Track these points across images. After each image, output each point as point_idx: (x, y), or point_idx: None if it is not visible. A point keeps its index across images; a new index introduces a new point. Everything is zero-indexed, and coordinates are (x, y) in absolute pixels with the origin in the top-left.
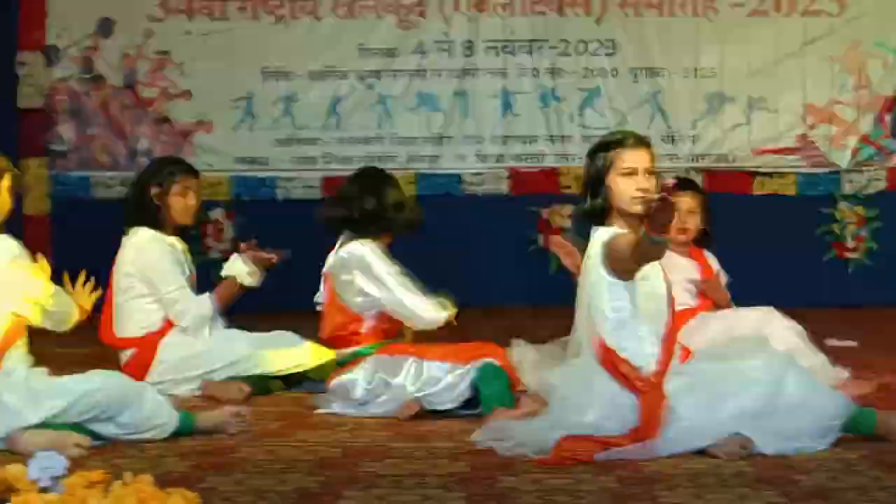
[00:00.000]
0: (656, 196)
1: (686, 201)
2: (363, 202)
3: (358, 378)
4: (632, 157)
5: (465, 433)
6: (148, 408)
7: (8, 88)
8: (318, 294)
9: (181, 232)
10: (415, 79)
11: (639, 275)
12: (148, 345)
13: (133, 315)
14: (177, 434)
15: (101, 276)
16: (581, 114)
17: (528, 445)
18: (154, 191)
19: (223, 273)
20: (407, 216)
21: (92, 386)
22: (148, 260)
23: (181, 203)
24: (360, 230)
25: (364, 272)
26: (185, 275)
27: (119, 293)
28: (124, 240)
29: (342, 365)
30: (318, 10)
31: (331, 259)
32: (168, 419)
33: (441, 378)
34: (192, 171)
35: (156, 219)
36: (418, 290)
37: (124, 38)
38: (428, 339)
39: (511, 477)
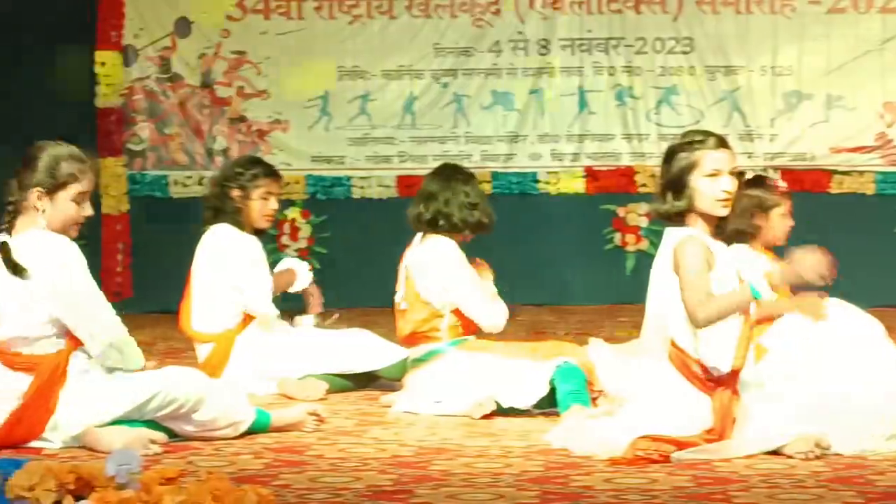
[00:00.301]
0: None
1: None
2: (437, 200)
3: (434, 377)
4: (717, 159)
5: (539, 432)
6: (224, 405)
7: (86, 88)
8: (398, 293)
9: (257, 234)
10: (490, 77)
11: (713, 275)
12: (225, 340)
13: (211, 311)
14: (252, 432)
15: (177, 273)
16: (657, 112)
17: (602, 445)
18: (236, 193)
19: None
20: (478, 216)
21: (168, 383)
22: (229, 256)
23: (262, 207)
24: (436, 228)
25: (441, 269)
26: (267, 271)
27: (198, 288)
28: (204, 236)
29: (419, 362)
30: (393, 9)
31: (409, 256)
32: (244, 416)
33: (517, 376)
34: (275, 175)
35: (236, 220)
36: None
37: (201, 37)
38: (504, 337)
39: (585, 476)
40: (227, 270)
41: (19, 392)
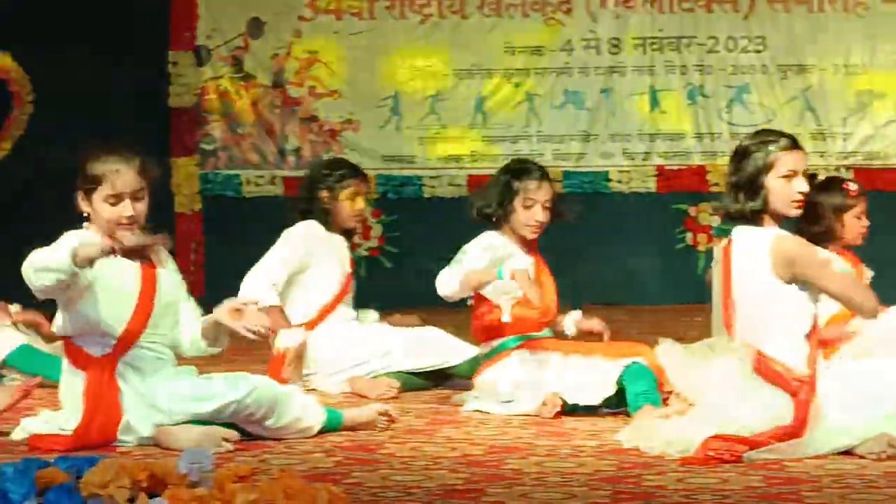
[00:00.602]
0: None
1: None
2: (493, 195)
3: (503, 375)
4: (792, 160)
5: (611, 432)
6: (296, 411)
7: (159, 88)
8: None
9: (346, 234)
10: (561, 76)
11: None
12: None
13: (287, 305)
14: (325, 431)
15: (249, 272)
16: (729, 111)
17: (674, 445)
18: (324, 194)
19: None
20: (484, 209)
21: (241, 393)
22: (306, 251)
23: (350, 208)
24: (493, 223)
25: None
26: (342, 270)
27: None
28: (285, 232)
29: (488, 358)
30: (464, 8)
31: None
32: (315, 421)
33: (586, 375)
34: (362, 175)
35: (325, 221)
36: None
37: (273, 37)
38: (574, 336)
39: (657, 476)
40: (301, 266)
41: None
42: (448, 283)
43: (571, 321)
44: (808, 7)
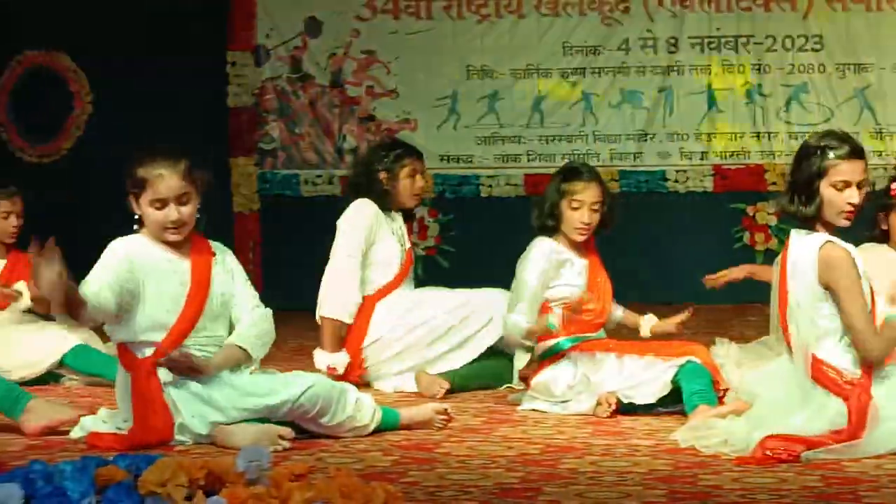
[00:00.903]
0: None
1: None
2: (545, 199)
3: (559, 376)
4: (848, 170)
5: (666, 431)
6: (350, 410)
7: (218, 88)
8: None
9: (405, 213)
10: (618, 75)
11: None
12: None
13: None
14: (381, 430)
15: (307, 270)
16: (787, 110)
17: (730, 444)
18: (382, 175)
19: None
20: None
21: (297, 390)
22: (368, 230)
23: (411, 186)
24: (550, 229)
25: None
26: (402, 248)
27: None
28: (344, 219)
29: (544, 359)
30: (521, 8)
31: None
32: (369, 420)
33: (641, 375)
34: (418, 153)
35: (384, 202)
36: None
37: (331, 37)
38: (634, 336)
39: (713, 476)
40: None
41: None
42: (511, 335)
43: (647, 326)
44: (865, 5)
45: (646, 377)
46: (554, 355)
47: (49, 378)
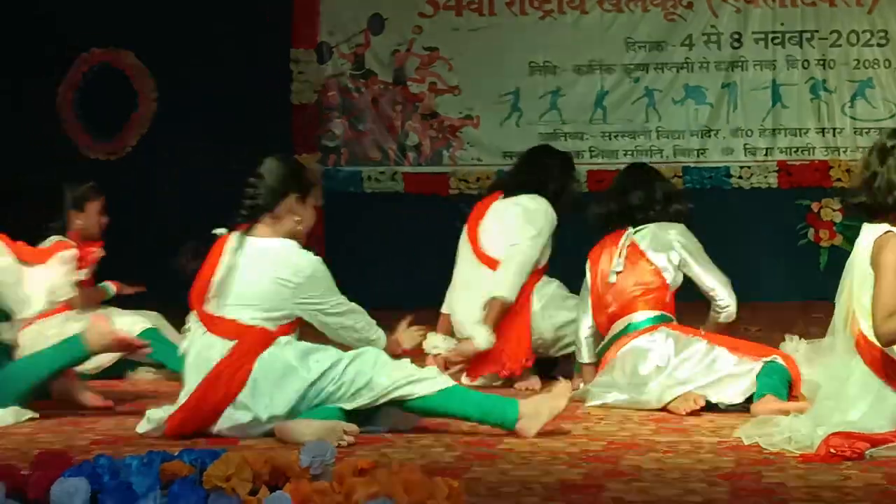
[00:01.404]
0: None
1: None
2: (630, 196)
3: (654, 346)
4: None
5: (730, 428)
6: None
7: (282, 85)
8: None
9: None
10: (682, 71)
11: None
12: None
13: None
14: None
15: (370, 266)
16: (852, 106)
17: (794, 441)
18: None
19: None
20: (676, 207)
21: (342, 360)
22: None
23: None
24: (629, 222)
25: None
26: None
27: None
28: (533, 211)
29: (616, 339)
30: (584, 4)
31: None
32: (423, 390)
33: (726, 370)
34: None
35: (555, 200)
36: None
37: (394, 34)
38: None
39: (777, 473)
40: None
41: (213, 361)
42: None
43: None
44: None
45: (730, 372)
46: (623, 335)
47: (126, 366)
